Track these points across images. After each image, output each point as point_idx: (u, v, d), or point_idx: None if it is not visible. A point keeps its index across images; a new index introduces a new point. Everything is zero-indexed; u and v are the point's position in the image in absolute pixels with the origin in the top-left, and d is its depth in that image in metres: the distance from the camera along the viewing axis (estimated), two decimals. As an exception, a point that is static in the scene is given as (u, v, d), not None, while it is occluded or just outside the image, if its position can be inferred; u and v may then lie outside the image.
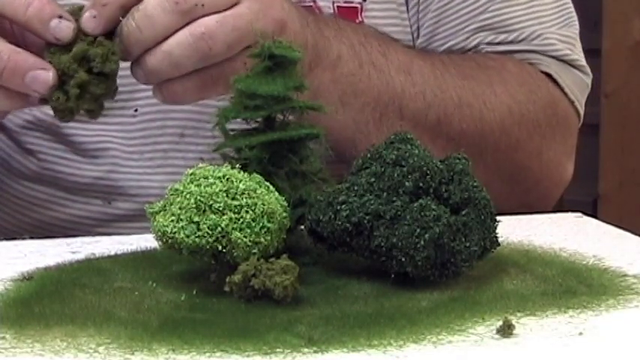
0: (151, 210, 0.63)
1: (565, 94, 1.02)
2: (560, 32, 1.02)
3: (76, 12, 0.77)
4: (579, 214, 0.87)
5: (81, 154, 0.99)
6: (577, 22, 1.05)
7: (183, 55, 0.76)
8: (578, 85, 1.03)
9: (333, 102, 0.88)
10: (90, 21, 0.75)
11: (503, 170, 0.98)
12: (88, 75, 0.75)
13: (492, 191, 0.66)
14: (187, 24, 0.76)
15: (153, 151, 0.97)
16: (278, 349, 0.52)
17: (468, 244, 0.63)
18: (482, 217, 0.64)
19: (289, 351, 0.52)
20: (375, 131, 0.90)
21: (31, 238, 0.81)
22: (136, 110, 0.97)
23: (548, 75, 1.01)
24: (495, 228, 0.65)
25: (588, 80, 1.05)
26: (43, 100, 0.76)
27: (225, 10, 0.77)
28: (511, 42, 1.01)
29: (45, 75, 0.75)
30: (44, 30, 0.75)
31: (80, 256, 0.73)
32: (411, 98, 0.92)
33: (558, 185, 1.04)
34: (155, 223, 0.62)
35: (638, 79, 2.46)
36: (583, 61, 1.04)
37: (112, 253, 0.73)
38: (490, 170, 0.96)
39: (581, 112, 1.04)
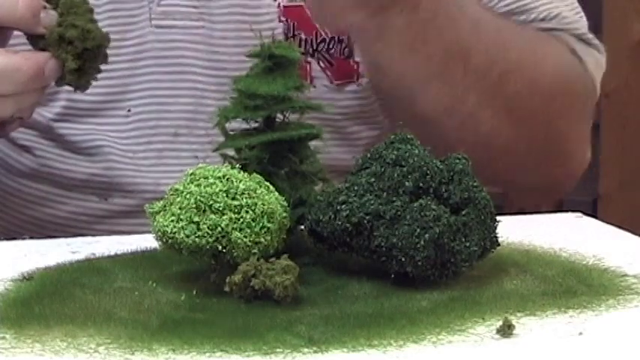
0: (151, 210, 0.63)
1: (587, 71, 1.01)
2: (574, 12, 1.02)
3: None
4: (579, 214, 0.87)
5: (76, 152, 0.99)
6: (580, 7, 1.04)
7: None
8: (596, 64, 1.02)
9: (401, 46, 0.86)
10: None
11: (540, 140, 0.97)
12: (75, 60, 0.78)
13: (525, 164, 0.65)
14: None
15: (147, 151, 0.97)
16: (278, 349, 0.52)
17: (468, 244, 0.63)
18: (482, 217, 0.64)
19: (289, 351, 0.52)
20: (436, 85, 0.88)
21: (31, 238, 0.81)
22: (129, 110, 0.97)
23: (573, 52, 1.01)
24: (495, 228, 0.65)
25: (603, 60, 1.04)
26: (59, 83, 0.80)
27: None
28: (532, 21, 1.00)
29: (55, 63, 0.78)
30: (36, 24, 0.78)
31: (80, 256, 0.73)
32: (477, 54, 0.90)
33: (581, 166, 1.02)
34: (155, 223, 0.62)
35: (638, 79, 2.46)
36: (597, 41, 1.03)
37: (112, 253, 0.73)
38: (528, 139, 0.95)
39: (598, 93, 1.03)
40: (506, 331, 0.55)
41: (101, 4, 0.95)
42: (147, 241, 0.72)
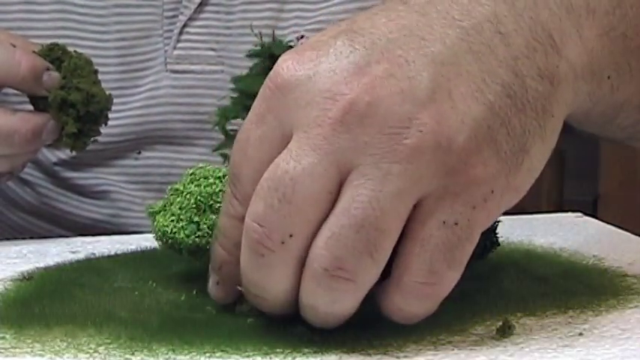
0: (151, 210, 0.63)
1: None
2: None
3: (46, 53, 0.78)
4: (579, 214, 0.87)
5: (81, 194, 0.95)
6: None
7: None
8: None
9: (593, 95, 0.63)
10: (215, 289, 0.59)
11: None
12: (76, 124, 0.77)
13: None
14: None
15: (157, 198, 0.92)
16: (278, 349, 0.52)
17: (468, 244, 0.62)
18: (483, 217, 0.64)
19: (289, 351, 0.52)
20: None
21: (31, 238, 0.81)
22: (139, 152, 0.93)
23: None
24: (495, 228, 0.65)
25: None
26: (55, 144, 0.79)
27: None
28: None
29: (54, 125, 0.77)
30: (38, 86, 0.77)
31: (80, 256, 0.73)
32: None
33: None
34: (155, 223, 0.62)
35: (638, 79, 2.45)
36: None
37: (112, 253, 0.73)
38: None
39: None
40: (506, 331, 0.55)
41: (112, 47, 0.91)
42: (147, 241, 0.72)
